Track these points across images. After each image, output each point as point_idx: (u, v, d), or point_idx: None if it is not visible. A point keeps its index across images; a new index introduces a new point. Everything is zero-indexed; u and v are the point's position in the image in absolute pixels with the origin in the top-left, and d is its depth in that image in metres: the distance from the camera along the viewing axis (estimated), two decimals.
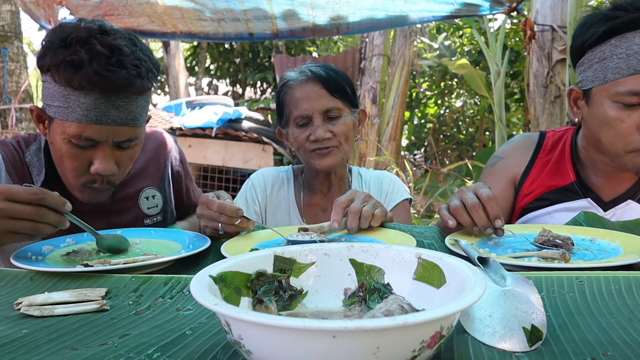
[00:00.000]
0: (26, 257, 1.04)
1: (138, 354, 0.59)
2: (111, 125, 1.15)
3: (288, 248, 0.71)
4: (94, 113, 1.12)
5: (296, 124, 1.47)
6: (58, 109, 1.14)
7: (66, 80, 1.11)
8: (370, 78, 5.26)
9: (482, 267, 0.75)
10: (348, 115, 1.48)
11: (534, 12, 3.43)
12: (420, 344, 0.47)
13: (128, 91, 1.14)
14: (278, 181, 1.64)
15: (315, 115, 1.43)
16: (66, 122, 1.14)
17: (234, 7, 3.08)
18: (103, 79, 1.10)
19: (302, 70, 1.49)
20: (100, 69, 1.09)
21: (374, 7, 3.15)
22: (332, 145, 1.45)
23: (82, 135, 1.14)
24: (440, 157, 9.21)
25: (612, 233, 1.06)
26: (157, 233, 1.26)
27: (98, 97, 1.12)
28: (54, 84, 1.14)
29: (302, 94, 1.45)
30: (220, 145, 5.30)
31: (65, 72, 1.10)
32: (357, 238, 1.15)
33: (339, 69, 1.53)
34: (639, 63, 1.14)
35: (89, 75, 1.09)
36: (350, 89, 1.50)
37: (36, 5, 3.12)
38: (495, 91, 4.01)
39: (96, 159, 1.18)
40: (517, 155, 1.44)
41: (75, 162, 1.18)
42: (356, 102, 1.53)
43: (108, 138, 1.17)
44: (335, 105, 1.45)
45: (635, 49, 1.14)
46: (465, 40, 8.58)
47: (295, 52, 9.45)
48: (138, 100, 1.19)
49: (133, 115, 1.18)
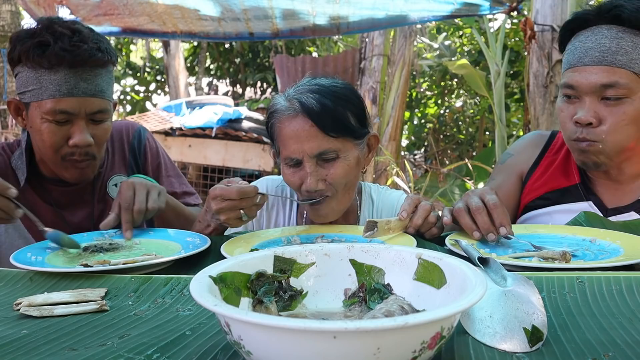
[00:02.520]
0: (26, 257, 1.04)
1: (138, 354, 0.59)
2: (82, 97, 1.26)
3: (288, 248, 0.70)
4: (65, 87, 1.24)
5: (286, 164, 1.23)
6: (32, 92, 1.26)
7: (37, 62, 1.23)
8: (370, 78, 5.25)
9: (482, 267, 0.75)
10: (350, 153, 1.21)
11: (534, 12, 3.43)
12: (421, 344, 0.47)
13: (92, 63, 1.26)
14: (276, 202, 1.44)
15: (305, 159, 1.18)
16: (41, 101, 1.25)
17: (234, 7, 3.08)
18: (69, 53, 1.22)
19: (291, 98, 1.20)
20: (65, 46, 1.22)
21: (374, 6, 3.15)
22: (326, 196, 1.21)
23: (56, 109, 1.24)
24: (440, 157, 9.21)
25: (613, 233, 1.06)
26: (157, 233, 1.26)
27: (67, 72, 1.24)
28: (26, 71, 1.26)
29: (291, 132, 1.18)
30: (220, 145, 5.30)
31: (34, 55, 1.22)
32: (358, 238, 1.15)
33: (344, 90, 1.23)
34: (574, 59, 1.22)
35: (55, 52, 1.21)
36: (354, 117, 1.22)
37: (36, 4, 3.12)
38: (495, 91, 4.01)
39: (73, 133, 1.27)
40: (527, 151, 1.44)
41: (53, 138, 1.27)
42: (363, 131, 1.24)
43: (81, 110, 1.26)
44: (330, 146, 1.18)
45: (577, 45, 1.22)
46: (465, 40, 8.57)
47: (295, 52, 9.44)
48: (102, 74, 1.30)
49: (100, 88, 1.29)
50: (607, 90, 1.16)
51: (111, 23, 3.19)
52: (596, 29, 1.19)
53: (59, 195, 1.41)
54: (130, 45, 11.03)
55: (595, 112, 1.18)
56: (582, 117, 1.18)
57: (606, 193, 1.30)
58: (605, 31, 1.17)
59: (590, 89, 1.18)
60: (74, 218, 1.42)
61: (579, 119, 1.19)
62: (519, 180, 1.42)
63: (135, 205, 1.22)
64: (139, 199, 1.23)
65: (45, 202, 1.39)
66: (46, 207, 1.38)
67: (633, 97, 1.16)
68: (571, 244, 1.05)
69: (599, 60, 1.16)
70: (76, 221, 1.42)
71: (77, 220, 1.42)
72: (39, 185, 1.39)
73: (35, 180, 1.38)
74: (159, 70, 11.00)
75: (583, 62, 1.19)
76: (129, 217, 1.21)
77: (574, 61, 1.22)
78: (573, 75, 1.21)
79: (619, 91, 1.15)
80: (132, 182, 1.26)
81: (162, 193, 1.30)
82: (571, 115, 1.22)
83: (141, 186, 1.26)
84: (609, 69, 1.15)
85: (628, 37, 1.15)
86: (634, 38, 1.15)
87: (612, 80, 1.15)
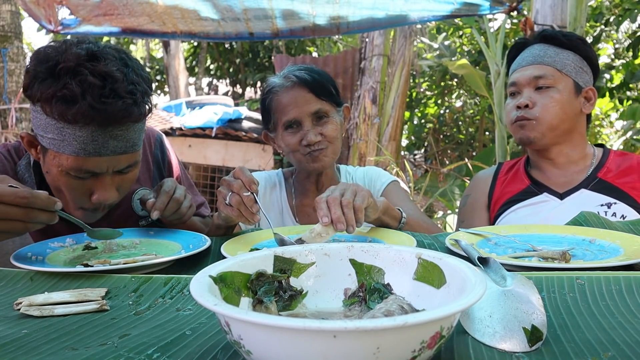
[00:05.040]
0: (26, 257, 1.04)
1: (138, 354, 0.59)
2: (110, 156, 1.11)
3: (288, 248, 0.71)
4: (91, 146, 1.08)
5: (286, 129, 1.49)
6: (52, 140, 1.09)
7: (59, 114, 1.05)
8: (370, 78, 5.25)
9: (482, 267, 0.75)
10: (335, 116, 1.51)
11: (534, 12, 3.43)
12: (421, 344, 0.47)
13: (126, 121, 1.10)
14: (270, 184, 1.67)
15: (304, 119, 1.46)
16: (62, 154, 1.09)
17: (235, 7, 3.08)
18: (98, 112, 1.04)
19: (286, 75, 1.50)
20: (95, 102, 1.04)
21: (374, 6, 3.15)
22: (323, 148, 1.48)
23: (81, 168, 1.10)
24: (440, 157, 9.21)
25: (612, 233, 1.06)
26: (157, 233, 1.26)
27: (94, 129, 1.07)
28: (45, 116, 1.08)
29: (289, 100, 1.46)
30: (220, 145, 5.30)
31: (57, 106, 1.05)
32: (358, 238, 1.15)
33: (321, 70, 1.54)
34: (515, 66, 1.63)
35: (83, 110, 1.04)
36: (334, 89, 1.52)
37: (36, 4, 3.12)
38: (495, 91, 4.01)
39: (97, 190, 1.15)
40: (481, 186, 1.73)
41: (74, 193, 1.15)
42: (340, 101, 1.55)
43: (108, 168, 1.13)
44: (322, 107, 1.47)
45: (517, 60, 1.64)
46: (465, 40, 8.57)
47: (295, 52, 9.44)
48: (136, 127, 1.15)
49: (132, 142, 1.15)
50: (538, 80, 1.55)
51: (111, 23, 3.19)
52: (530, 47, 1.62)
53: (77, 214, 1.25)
54: (130, 45, 11.03)
55: (531, 97, 1.56)
56: (522, 101, 1.56)
57: (556, 182, 1.58)
58: (536, 46, 1.61)
59: (527, 80, 1.57)
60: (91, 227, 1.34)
61: (520, 103, 1.56)
62: (484, 208, 1.69)
63: (176, 193, 1.19)
64: (180, 193, 1.21)
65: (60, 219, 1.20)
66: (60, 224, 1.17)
67: (558, 87, 1.54)
68: (571, 244, 1.05)
69: (532, 61, 1.58)
70: None
71: None
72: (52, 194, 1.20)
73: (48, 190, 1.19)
74: (159, 70, 11.00)
75: (521, 65, 1.61)
76: (166, 199, 1.18)
77: (515, 67, 1.63)
78: (514, 75, 1.62)
79: (547, 81, 1.55)
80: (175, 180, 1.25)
81: (192, 207, 1.28)
82: (514, 105, 1.59)
83: (181, 187, 1.25)
84: (539, 66, 1.56)
85: (552, 49, 1.58)
86: (556, 49, 1.57)
87: (541, 72, 1.55)
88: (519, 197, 1.60)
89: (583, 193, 1.51)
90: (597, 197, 1.48)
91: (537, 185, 1.60)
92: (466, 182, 5.00)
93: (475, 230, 1.17)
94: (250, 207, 1.10)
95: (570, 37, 1.59)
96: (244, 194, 1.09)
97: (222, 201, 1.13)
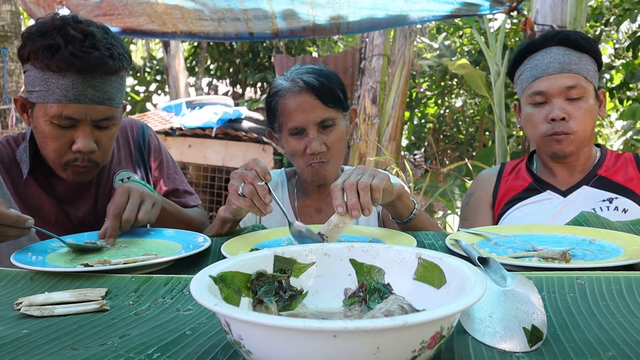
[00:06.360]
0: (26, 257, 1.04)
1: (138, 354, 0.59)
2: (89, 104, 1.23)
3: (288, 248, 0.71)
4: (72, 93, 1.21)
5: (290, 135, 1.45)
6: (39, 93, 1.23)
7: (45, 65, 1.19)
8: (370, 78, 5.25)
9: (482, 267, 0.75)
10: (341, 121, 1.47)
11: (534, 12, 3.43)
12: (421, 344, 0.47)
13: (102, 70, 1.22)
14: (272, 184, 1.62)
15: (310, 127, 1.41)
16: (47, 104, 1.22)
17: (235, 7, 3.07)
18: (78, 59, 1.19)
19: (294, 79, 1.43)
20: (75, 51, 1.18)
21: (374, 6, 3.15)
22: (324, 162, 1.44)
23: (62, 114, 1.22)
24: (440, 157, 9.21)
25: (613, 233, 1.06)
26: (157, 233, 1.26)
27: (75, 77, 1.21)
28: (34, 71, 1.23)
29: (296, 106, 1.41)
30: (220, 145, 5.29)
31: (43, 56, 1.19)
32: (358, 238, 1.15)
33: (330, 72, 1.49)
34: (538, 72, 1.52)
35: (65, 57, 1.18)
36: (342, 93, 1.47)
37: (36, 4, 3.12)
38: (495, 91, 4.00)
39: (77, 138, 1.25)
40: (485, 185, 1.71)
41: (57, 142, 1.26)
42: (347, 105, 1.50)
43: (87, 116, 1.24)
44: (329, 115, 1.42)
45: (535, 63, 1.53)
46: (465, 40, 8.57)
47: (295, 52, 9.44)
48: (112, 81, 1.27)
49: (109, 95, 1.26)
50: (570, 91, 1.48)
51: (111, 23, 3.18)
52: (547, 49, 1.52)
53: (63, 190, 1.41)
54: (130, 45, 11.03)
55: (564, 109, 1.48)
56: (558, 114, 1.47)
57: (558, 180, 1.58)
58: (555, 50, 1.51)
59: (558, 91, 1.48)
60: (78, 212, 1.42)
61: (556, 116, 1.47)
62: (488, 206, 1.67)
63: (125, 213, 1.19)
64: (130, 208, 1.20)
65: (49, 196, 1.39)
66: (50, 200, 1.38)
67: (587, 96, 1.49)
68: (571, 244, 1.05)
69: (560, 69, 1.49)
70: (80, 215, 1.42)
71: (80, 214, 1.42)
72: (43, 179, 1.38)
73: (39, 173, 1.38)
74: (159, 70, 11.00)
75: (547, 72, 1.50)
76: (116, 224, 1.18)
77: (538, 74, 1.52)
78: (541, 84, 1.50)
79: (579, 91, 1.48)
80: (128, 188, 1.23)
81: (157, 205, 1.27)
82: (544, 116, 1.51)
83: (136, 194, 1.23)
84: (569, 75, 1.48)
85: (573, 53, 1.50)
86: (577, 54, 1.50)
87: (573, 82, 1.48)
88: (522, 195, 1.60)
89: (585, 190, 1.53)
90: (598, 193, 1.50)
91: (539, 182, 1.60)
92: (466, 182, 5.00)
93: (475, 230, 1.17)
94: (264, 197, 1.11)
95: (589, 40, 1.53)
96: (258, 184, 1.10)
97: (234, 193, 1.13)
